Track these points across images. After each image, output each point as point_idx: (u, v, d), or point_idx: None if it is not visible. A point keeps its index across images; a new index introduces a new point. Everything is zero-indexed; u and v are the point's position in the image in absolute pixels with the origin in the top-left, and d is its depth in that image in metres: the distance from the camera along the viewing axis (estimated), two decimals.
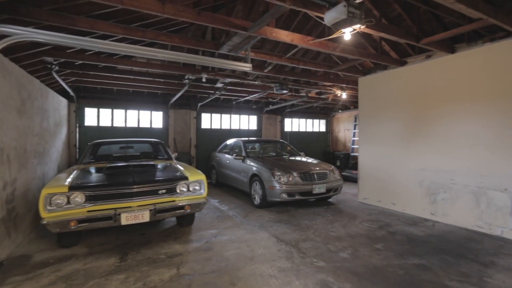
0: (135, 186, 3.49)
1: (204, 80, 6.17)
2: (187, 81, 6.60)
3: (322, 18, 3.25)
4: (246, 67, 4.52)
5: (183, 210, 3.70)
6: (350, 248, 3.62)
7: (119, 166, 4.11)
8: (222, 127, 10.51)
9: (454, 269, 3.04)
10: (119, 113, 8.73)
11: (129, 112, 8.85)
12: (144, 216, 3.43)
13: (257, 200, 5.73)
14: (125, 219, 3.34)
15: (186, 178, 3.85)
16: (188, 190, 3.84)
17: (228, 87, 7.50)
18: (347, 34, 3.61)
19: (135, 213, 3.38)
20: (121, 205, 3.40)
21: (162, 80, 7.11)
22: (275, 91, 7.37)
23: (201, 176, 4.01)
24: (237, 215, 5.15)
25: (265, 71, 6.10)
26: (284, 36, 4.13)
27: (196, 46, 4.47)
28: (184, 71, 6.19)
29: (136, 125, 8.96)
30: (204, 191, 3.95)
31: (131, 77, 6.72)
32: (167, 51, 4.02)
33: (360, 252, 3.50)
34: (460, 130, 4.52)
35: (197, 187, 3.91)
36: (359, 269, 3.04)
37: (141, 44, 4.86)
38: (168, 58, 4.17)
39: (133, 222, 3.39)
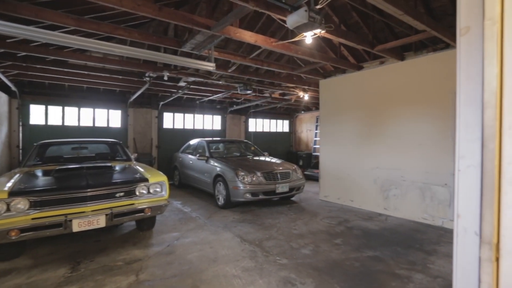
0: (89, 190, 3.25)
1: (166, 78, 5.96)
2: (147, 78, 6.32)
3: (285, 21, 3.32)
4: (210, 66, 4.46)
5: (143, 214, 3.54)
6: (311, 244, 3.75)
7: (70, 168, 3.79)
8: (185, 127, 10.25)
9: (403, 259, 3.31)
10: (71, 111, 8.07)
11: (83, 110, 8.23)
12: (100, 221, 3.21)
13: (221, 200, 5.68)
14: (78, 226, 3.09)
15: (146, 180, 3.68)
16: (149, 192, 3.68)
17: (192, 86, 7.34)
18: (308, 38, 3.74)
19: (89, 218, 3.15)
20: (73, 211, 3.15)
21: (120, 76, 6.72)
22: (239, 91, 7.38)
23: (163, 178, 3.87)
24: (201, 216, 5.06)
25: (229, 71, 6.08)
26: (248, 36, 4.16)
27: (158, 42, 4.30)
28: (144, 68, 5.92)
29: (91, 124, 8.36)
30: (165, 193, 3.82)
31: (85, 72, 6.25)
32: (125, 47, 3.82)
33: (321, 248, 3.64)
34: (409, 131, 4.93)
35: (158, 189, 3.76)
36: (319, 264, 3.16)
37: (96, 37, 4.55)
38: (127, 54, 3.97)
39: (87, 228, 3.15)
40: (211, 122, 10.93)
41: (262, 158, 6.74)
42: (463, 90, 1.10)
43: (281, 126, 12.97)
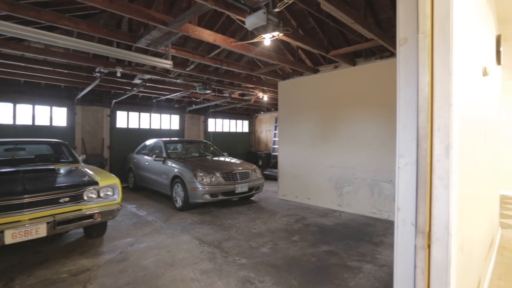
0: (26, 196, 2.92)
1: (119, 74, 5.60)
2: (98, 74, 5.88)
3: (244, 22, 3.34)
4: (167, 64, 4.31)
5: (92, 219, 3.28)
6: (270, 242, 3.83)
7: (2, 172, 3.37)
8: (141, 127, 9.74)
9: (354, 251, 3.54)
10: (5, 107, 7.17)
11: (20, 107, 7.36)
12: (39, 231, 2.90)
13: (179, 202, 5.51)
14: (11, 237, 2.75)
15: (95, 183, 3.42)
16: (99, 196, 3.42)
17: (148, 84, 7.01)
18: (267, 39, 3.81)
19: (26, 228, 2.82)
20: (7, 220, 2.80)
21: (66, 71, 6.15)
22: (198, 91, 7.23)
23: (114, 180, 3.63)
24: (157, 219, 4.85)
25: (188, 69, 5.93)
26: (207, 35, 4.10)
27: (109, 36, 4.02)
28: (94, 63, 5.49)
29: (30, 123, 7.51)
30: (118, 197, 3.59)
31: (22, 64, 5.60)
32: (71, 38, 3.51)
33: (279, 245, 3.73)
34: (360, 131, 5.29)
35: (109, 193, 3.52)
36: (278, 262, 3.24)
37: (35, 26, 4.10)
38: (73, 46, 3.65)
39: (24, 239, 2.82)
40: (169, 121, 10.54)
41: (221, 159, 6.70)
42: (402, 95, 1.22)
43: (240, 126, 13.01)
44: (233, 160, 6.63)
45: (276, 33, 3.85)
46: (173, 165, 5.85)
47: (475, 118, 1.94)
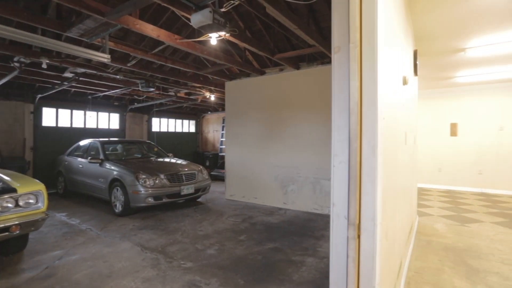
0: None
1: (44, 66, 4.95)
2: (17, 64, 5.11)
3: (190, 19, 3.25)
4: (104, 57, 3.96)
5: (7, 233, 2.83)
6: (217, 244, 3.79)
7: None
8: (74, 126, 8.77)
9: (298, 246, 3.72)
10: None
11: None
12: None
13: (118, 207, 5.11)
14: None
15: (13, 190, 2.96)
16: (17, 205, 2.97)
17: (82, 79, 6.35)
18: (213, 39, 3.78)
19: None
20: None
21: None
22: (140, 88, 6.80)
23: (38, 186, 3.20)
24: (93, 227, 4.42)
25: (129, 65, 5.53)
26: (150, 30, 3.88)
27: (32, 21, 3.53)
28: (12, 51, 4.75)
29: None
30: (43, 204, 3.17)
31: None
32: None
33: (226, 246, 3.73)
34: (304, 132, 5.58)
35: (31, 200, 3.08)
36: (224, 262, 3.23)
37: None
38: None
39: None
40: (107, 120, 9.71)
41: (166, 160, 6.41)
42: (336, 99, 1.32)
43: (187, 126, 12.64)
44: (179, 161, 6.41)
45: (222, 33, 3.84)
46: (112, 167, 5.40)
47: (397, 121, 2.20)
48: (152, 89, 6.88)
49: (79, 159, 6.35)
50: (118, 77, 6.34)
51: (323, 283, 2.75)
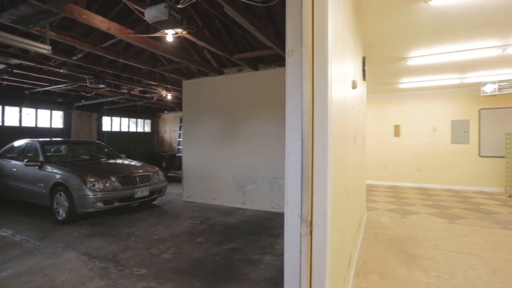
0: None
1: None
2: None
3: (144, 13, 3.10)
4: (43, 48, 3.58)
5: None
6: (173, 247, 3.67)
7: None
8: (6, 124, 7.79)
9: (256, 245, 3.77)
10: None
11: None
12: None
13: (62, 214, 4.66)
14: None
15: None
16: None
17: (16, 71, 5.67)
18: (169, 35, 3.65)
19: None
20: None
21: None
22: (89, 84, 6.30)
23: None
24: (30, 238, 3.97)
25: (74, 58, 5.09)
26: (99, 22, 3.61)
27: None
28: None
29: None
30: None
31: None
32: None
33: (183, 249, 3.62)
34: (262, 132, 5.66)
35: None
36: (181, 266, 3.13)
37: None
38: None
39: None
40: (49, 118, 8.80)
41: (118, 161, 6.02)
42: (290, 101, 1.37)
43: (142, 125, 12.03)
44: (132, 163, 6.06)
45: (179, 30, 3.74)
46: (54, 170, 4.90)
47: (347, 122, 2.35)
48: (102, 86, 6.41)
49: (13, 161, 5.65)
50: (61, 71, 5.79)
51: (280, 280, 2.83)
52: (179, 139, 10.69)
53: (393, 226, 4.52)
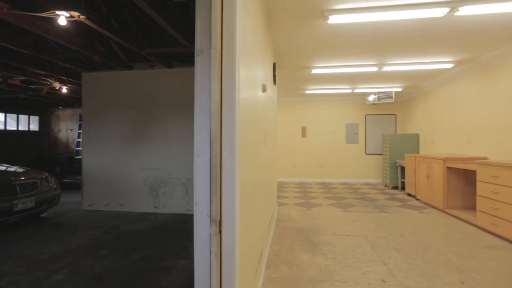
0: None
1: None
2: None
3: None
4: None
5: None
6: (68, 265, 3.16)
7: None
8: None
9: (169, 251, 3.59)
10: None
11: None
12: None
13: None
14: None
15: None
16: None
17: None
18: (61, 18, 3.13)
19: None
20: None
21: None
22: None
23: None
24: None
25: None
26: None
27: None
28: None
29: None
30: None
31: None
32: None
33: (81, 266, 3.16)
34: (175, 132, 5.43)
35: None
36: (79, 286, 2.72)
37: None
38: None
39: None
40: None
41: None
42: (198, 101, 1.35)
43: (26, 123, 9.96)
44: (12, 169, 4.94)
45: (75, 13, 3.25)
46: None
47: (257, 123, 2.48)
48: None
49: None
50: None
51: (193, 283, 2.76)
52: (78, 140, 9.27)
53: (300, 218, 5.00)
